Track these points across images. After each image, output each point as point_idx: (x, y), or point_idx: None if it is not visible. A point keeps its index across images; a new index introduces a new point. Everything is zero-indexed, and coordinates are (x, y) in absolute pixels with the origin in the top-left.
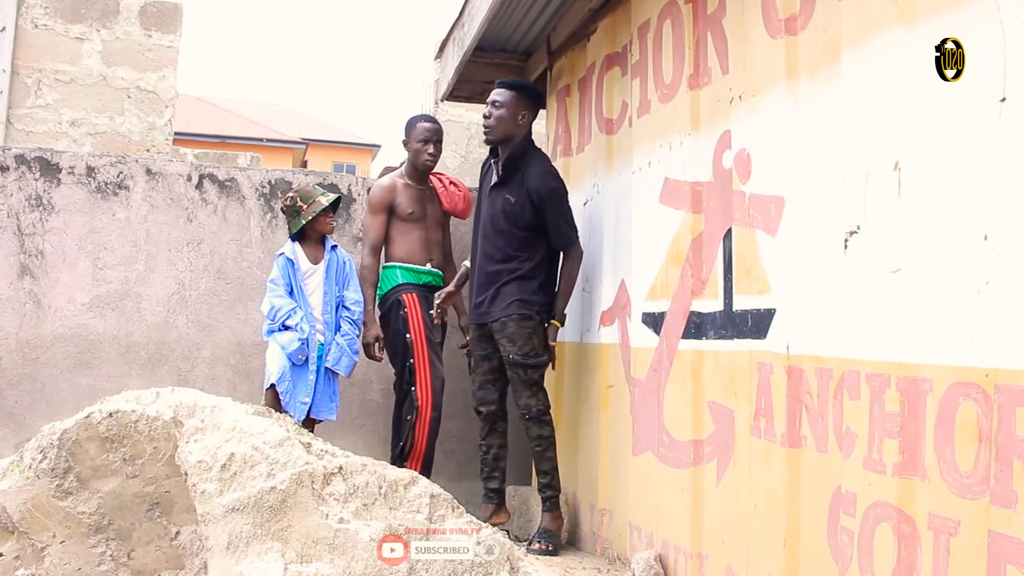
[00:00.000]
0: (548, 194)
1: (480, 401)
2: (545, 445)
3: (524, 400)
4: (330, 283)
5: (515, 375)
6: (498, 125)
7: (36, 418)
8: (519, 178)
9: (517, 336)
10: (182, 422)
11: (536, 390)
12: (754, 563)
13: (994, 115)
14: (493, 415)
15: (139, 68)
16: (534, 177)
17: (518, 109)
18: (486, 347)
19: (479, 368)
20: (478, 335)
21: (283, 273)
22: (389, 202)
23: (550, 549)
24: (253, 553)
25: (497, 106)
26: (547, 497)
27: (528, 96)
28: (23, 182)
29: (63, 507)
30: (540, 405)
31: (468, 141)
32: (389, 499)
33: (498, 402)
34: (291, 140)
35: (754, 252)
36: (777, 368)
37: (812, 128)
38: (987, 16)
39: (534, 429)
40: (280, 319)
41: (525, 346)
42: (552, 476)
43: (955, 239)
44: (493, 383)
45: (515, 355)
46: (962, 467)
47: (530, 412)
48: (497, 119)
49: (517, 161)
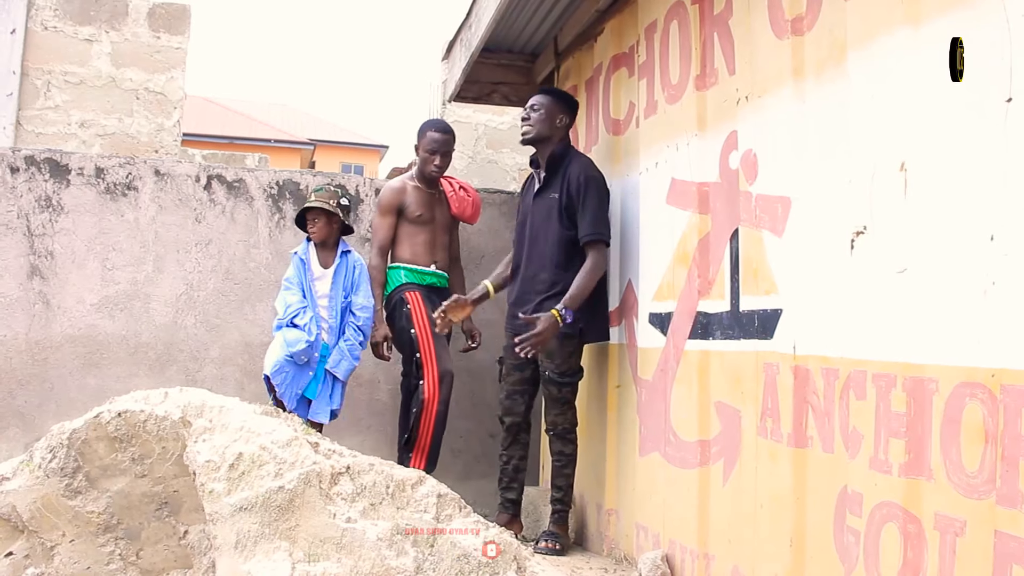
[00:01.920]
0: (588, 181)
1: (506, 411)
2: (565, 462)
3: (552, 416)
4: (337, 288)
5: (548, 391)
6: (536, 125)
7: (45, 418)
8: (561, 175)
9: (557, 354)
10: (190, 422)
11: (567, 408)
12: (760, 563)
13: (1000, 115)
14: (517, 426)
15: (148, 69)
16: (576, 168)
17: (556, 112)
18: (520, 357)
19: (510, 377)
20: (513, 345)
21: (296, 272)
22: (398, 204)
23: (557, 548)
24: (261, 552)
25: (535, 109)
26: (557, 510)
27: (566, 102)
28: (33, 183)
29: (72, 506)
30: (567, 423)
31: (476, 142)
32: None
33: (524, 414)
34: (299, 141)
35: (761, 252)
36: (783, 368)
37: (818, 128)
38: (993, 16)
39: (557, 445)
40: (289, 315)
41: (563, 364)
42: (566, 493)
43: (961, 239)
44: (522, 394)
45: (552, 372)
46: (968, 467)
47: (556, 429)
48: (536, 120)
49: (558, 160)
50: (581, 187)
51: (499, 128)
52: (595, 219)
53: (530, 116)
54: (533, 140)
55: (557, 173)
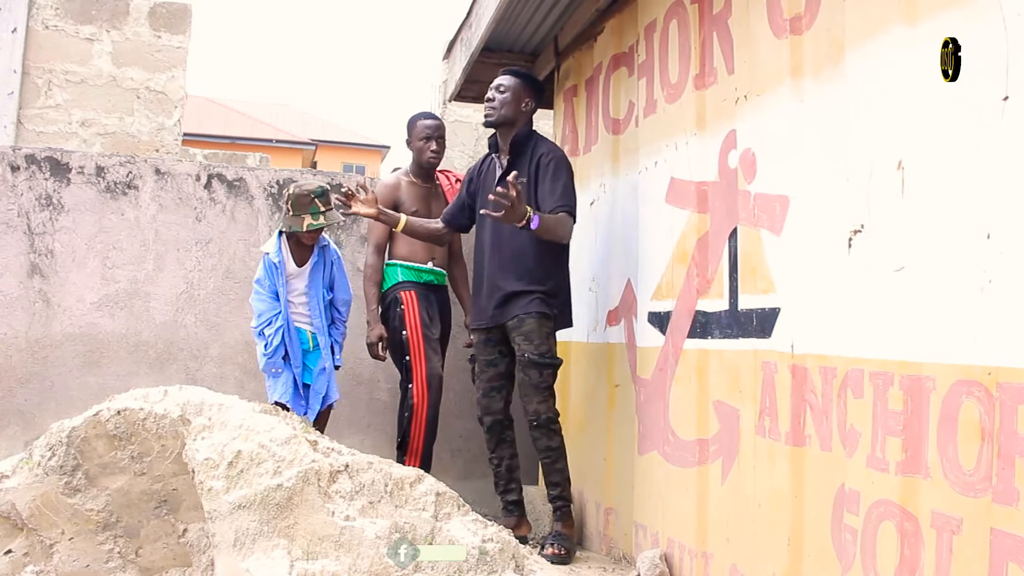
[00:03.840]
0: (553, 160)
1: (484, 410)
2: (554, 457)
3: (534, 406)
4: (316, 286)
5: (527, 377)
6: (502, 107)
7: (45, 416)
8: (528, 157)
9: (535, 334)
10: (190, 420)
11: (547, 395)
12: (758, 561)
13: (996, 114)
14: (499, 425)
15: (149, 69)
16: (544, 148)
17: (522, 95)
18: (492, 352)
19: (483, 375)
20: (484, 339)
21: (268, 274)
22: (394, 200)
23: (563, 553)
24: (259, 550)
25: (501, 90)
26: (559, 507)
27: (532, 85)
28: (33, 182)
29: (72, 504)
30: (549, 412)
31: (476, 141)
32: (395, 497)
33: (503, 411)
34: (300, 141)
35: (759, 251)
36: (781, 367)
37: (816, 127)
38: (990, 14)
39: (542, 440)
40: (261, 324)
41: (542, 345)
42: (563, 487)
43: (958, 237)
44: (499, 390)
45: (531, 354)
46: (965, 465)
47: (539, 419)
48: (501, 102)
49: (523, 143)
50: (548, 164)
51: None
52: (565, 192)
53: (495, 98)
54: (496, 123)
55: (523, 156)
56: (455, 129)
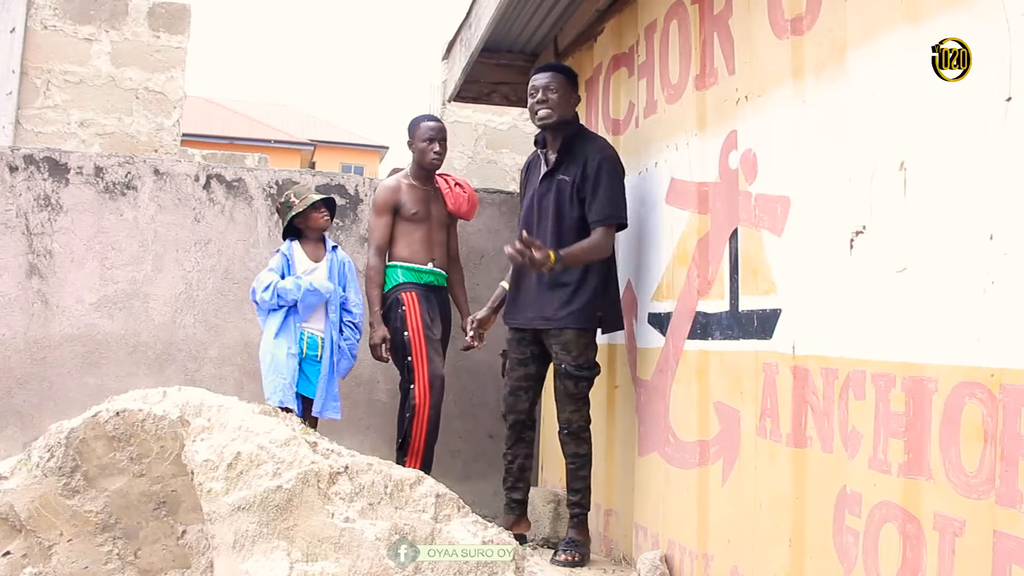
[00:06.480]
0: (606, 162)
1: (509, 408)
2: (580, 463)
3: (566, 414)
4: (333, 281)
5: (563, 386)
6: (557, 108)
7: (44, 417)
8: (575, 157)
9: (574, 346)
10: (189, 421)
11: (581, 404)
12: (759, 563)
13: (1000, 115)
14: (521, 424)
15: (147, 69)
16: (594, 149)
17: (570, 91)
18: (525, 352)
19: (513, 372)
20: (518, 337)
21: (280, 266)
22: (394, 202)
23: (576, 560)
24: (259, 552)
25: (552, 90)
26: (575, 514)
27: (573, 78)
28: (32, 182)
29: (70, 505)
30: (582, 420)
31: (475, 142)
32: (395, 498)
33: (528, 411)
34: (299, 141)
35: (760, 252)
36: (783, 368)
37: (818, 128)
38: (993, 15)
39: (571, 446)
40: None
41: (580, 357)
42: (584, 495)
43: (961, 239)
44: (526, 391)
45: (569, 365)
46: (967, 467)
47: (570, 427)
48: (555, 103)
49: (573, 142)
50: (600, 166)
51: (499, 128)
52: (612, 198)
53: (548, 99)
54: (555, 125)
55: (571, 154)
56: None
